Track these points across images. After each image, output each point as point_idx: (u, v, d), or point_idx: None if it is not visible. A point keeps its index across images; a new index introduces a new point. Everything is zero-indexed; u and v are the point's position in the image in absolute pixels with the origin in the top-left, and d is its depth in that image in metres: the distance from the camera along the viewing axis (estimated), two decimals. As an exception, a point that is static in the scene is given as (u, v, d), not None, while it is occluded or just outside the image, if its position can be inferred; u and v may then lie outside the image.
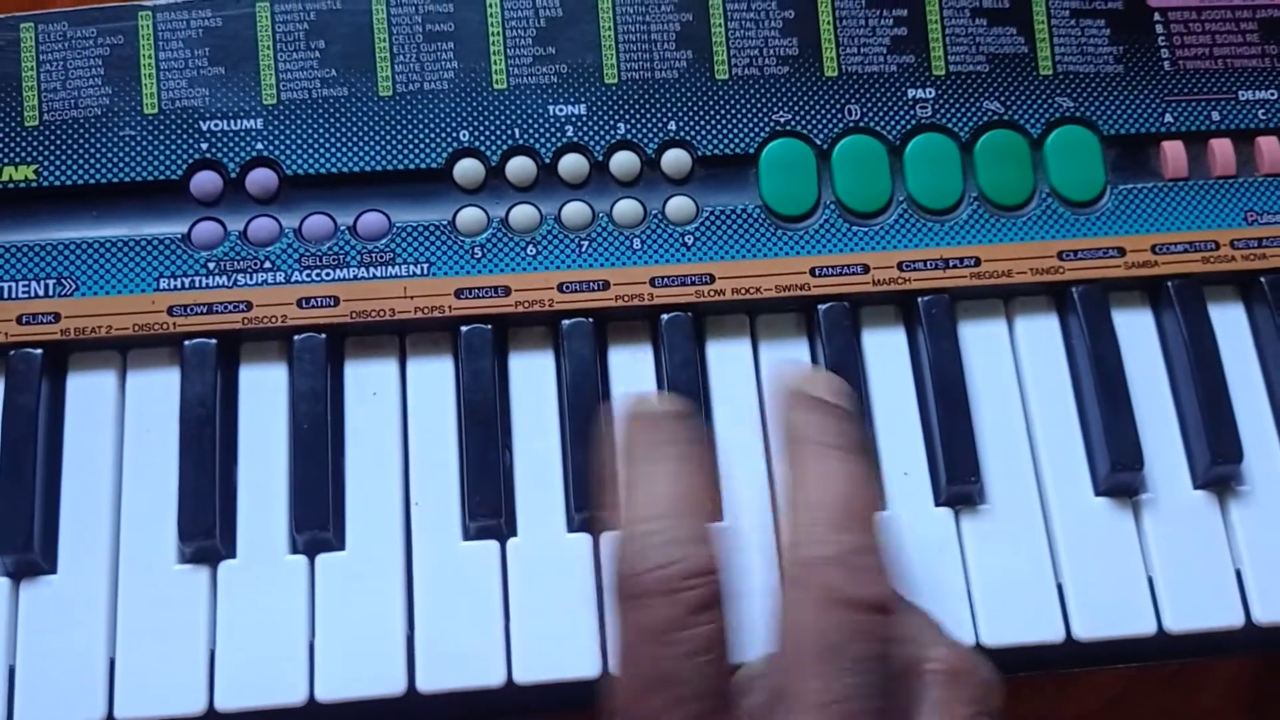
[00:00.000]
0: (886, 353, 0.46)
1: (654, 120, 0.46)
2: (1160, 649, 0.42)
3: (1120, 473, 0.43)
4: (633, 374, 0.45)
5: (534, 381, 0.44)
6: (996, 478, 0.44)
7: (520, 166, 0.46)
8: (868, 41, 0.47)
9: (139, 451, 0.43)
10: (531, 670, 0.41)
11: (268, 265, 0.44)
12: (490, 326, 0.44)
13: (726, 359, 0.45)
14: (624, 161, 0.46)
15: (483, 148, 0.46)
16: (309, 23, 0.46)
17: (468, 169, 0.45)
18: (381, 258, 0.44)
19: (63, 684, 0.40)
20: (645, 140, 0.46)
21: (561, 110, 0.46)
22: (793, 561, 0.33)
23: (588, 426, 0.43)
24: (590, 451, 0.41)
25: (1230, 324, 0.46)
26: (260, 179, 0.45)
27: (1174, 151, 0.47)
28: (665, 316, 0.45)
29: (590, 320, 0.44)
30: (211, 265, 0.44)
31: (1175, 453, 0.45)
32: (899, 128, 0.47)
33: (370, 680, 0.40)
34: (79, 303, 0.43)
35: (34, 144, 0.45)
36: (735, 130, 0.46)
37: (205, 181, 0.45)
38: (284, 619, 0.41)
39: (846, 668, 0.31)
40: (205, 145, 0.45)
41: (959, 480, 0.43)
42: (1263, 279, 0.46)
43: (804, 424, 0.36)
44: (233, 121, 0.45)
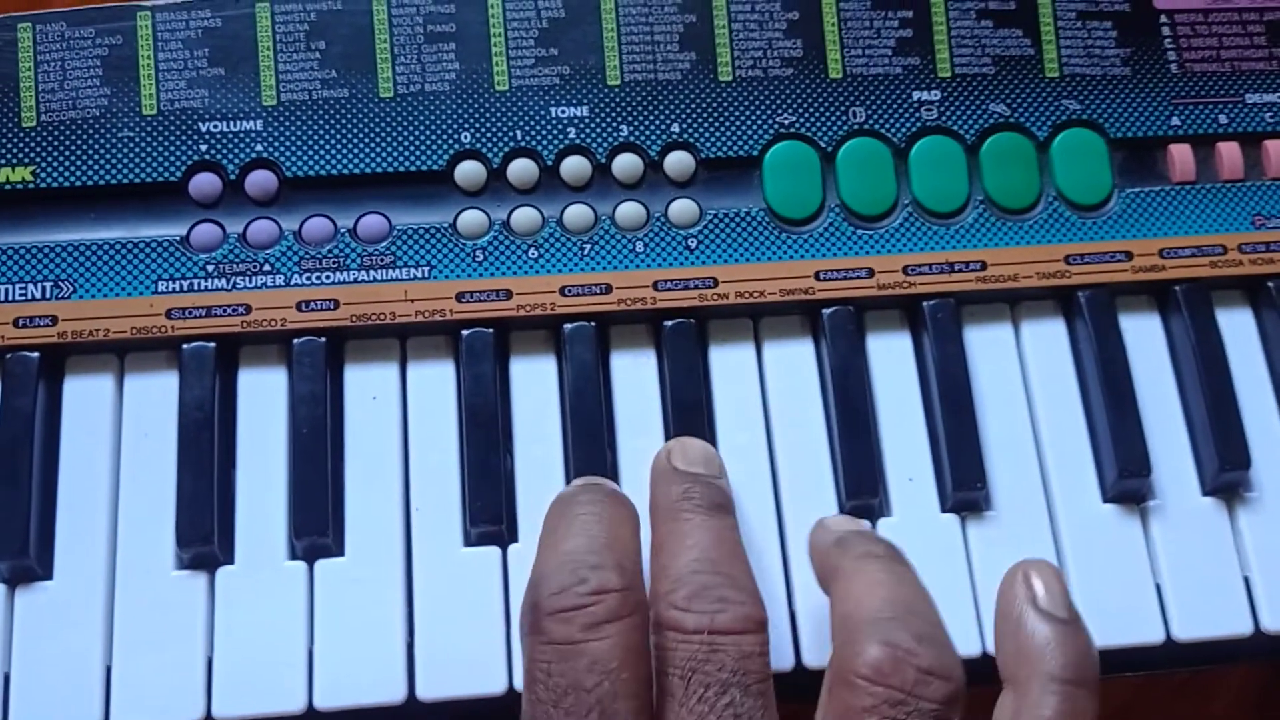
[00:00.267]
0: (891, 357, 0.45)
1: (657, 122, 0.46)
2: (1168, 657, 0.42)
3: (1128, 479, 0.43)
4: (635, 378, 0.44)
5: (535, 386, 0.44)
6: (1003, 484, 0.44)
7: (522, 169, 0.45)
8: (872, 43, 0.47)
9: (136, 456, 0.43)
10: (533, 678, 0.40)
11: (267, 268, 0.44)
12: (491, 330, 0.44)
13: (730, 363, 0.45)
14: (626, 164, 0.46)
15: (484, 150, 0.45)
16: (309, 23, 0.46)
17: (469, 171, 0.45)
18: (382, 260, 0.44)
19: (58, 691, 0.40)
20: (648, 142, 0.46)
21: (564, 112, 0.46)
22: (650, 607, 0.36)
23: (590, 431, 0.43)
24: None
25: (1238, 329, 0.46)
26: (260, 181, 0.45)
27: (1181, 155, 0.47)
28: (668, 321, 0.44)
29: (592, 324, 0.44)
30: (210, 268, 0.44)
31: (1183, 459, 0.44)
32: (904, 130, 0.46)
33: (370, 688, 0.40)
34: (76, 305, 0.43)
35: (31, 145, 0.44)
36: (739, 132, 0.46)
37: (204, 183, 0.45)
38: (282, 626, 0.41)
39: (695, 690, 0.34)
40: (204, 147, 0.45)
41: (965, 486, 0.43)
42: (1271, 283, 0.46)
43: (665, 495, 0.39)
44: (232, 123, 0.45)
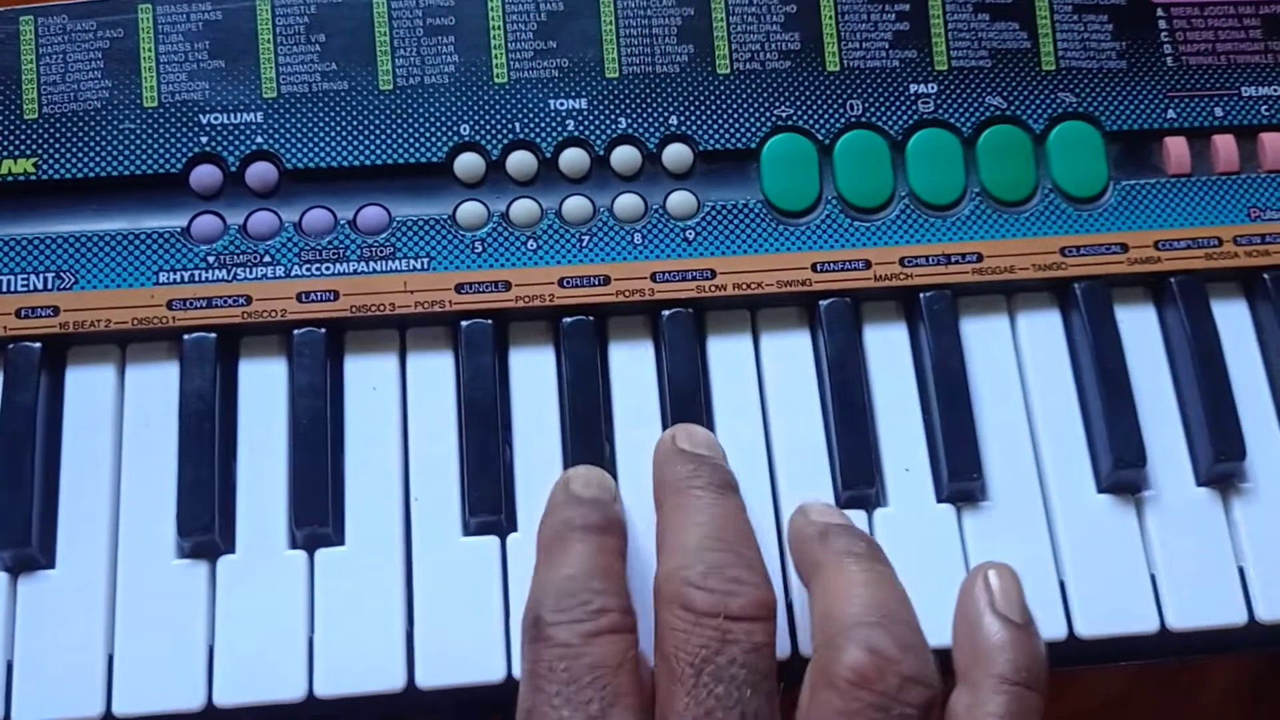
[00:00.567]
0: (888, 348, 0.45)
1: (655, 115, 0.46)
2: (1163, 647, 0.42)
3: (1123, 470, 0.43)
4: (633, 370, 0.45)
5: (534, 376, 0.44)
6: (998, 474, 0.44)
7: (521, 161, 0.45)
8: (870, 36, 0.47)
9: (138, 446, 0.43)
10: (531, 666, 0.41)
11: (267, 259, 0.44)
12: (490, 321, 0.44)
13: (728, 355, 0.45)
14: (625, 156, 0.46)
15: (483, 142, 0.45)
16: (309, 16, 0.46)
17: (468, 163, 0.45)
18: (381, 252, 0.44)
19: (61, 679, 0.40)
20: (646, 135, 0.46)
21: (562, 104, 0.46)
22: (662, 582, 0.37)
23: (588, 422, 0.43)
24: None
25: (1233, 320, 0.46)
26: (260, 172, 0.45)
27: (1177, 147, 0.47)
28: (666, 312, 0.44)
29: (591, 316, 0.44)
30: (211, 259, 0.44)
31: (1178, 450, 0.44)
32: (901, 123, 0.47)
33: (369, 676, 0.40)
34: (78, 296, 0.43)
35: (33, 137, 0.45)
36: (737, 125, 0.46)
37: (205, 175, 0.45)
38: (283, 614, 0.41)
39: (706, 682, 0.34)
40: (205, 139, 0.45)
41: (960, 477, 0.43)
42: (1266, 275, 0.46)
43: (673, 473, 0.40)
44: (233, 115, 0.45)
